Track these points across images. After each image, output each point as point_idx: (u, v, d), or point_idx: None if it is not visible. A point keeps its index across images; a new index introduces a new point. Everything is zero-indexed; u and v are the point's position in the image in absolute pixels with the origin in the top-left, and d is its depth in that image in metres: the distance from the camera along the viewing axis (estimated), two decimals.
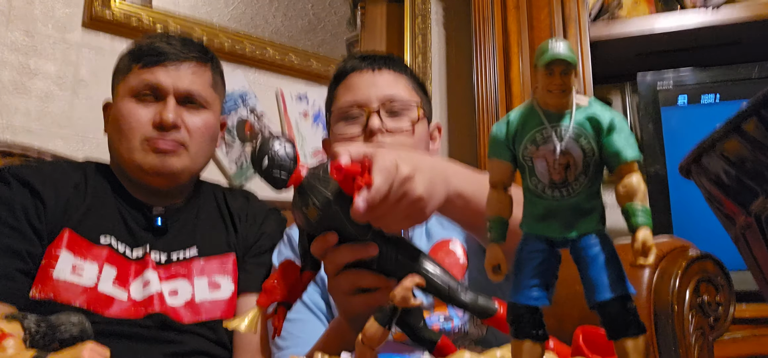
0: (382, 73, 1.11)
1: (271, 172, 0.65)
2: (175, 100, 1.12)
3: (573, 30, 1.82)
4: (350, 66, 1.14)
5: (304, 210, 0.66)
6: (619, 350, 0.43)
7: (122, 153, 1.11)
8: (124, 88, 1.13)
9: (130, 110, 1.10)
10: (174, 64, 1.12)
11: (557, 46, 0.43)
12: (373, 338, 0.53)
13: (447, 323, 0.97)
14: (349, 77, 1.13)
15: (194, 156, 1.14)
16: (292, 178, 0.65)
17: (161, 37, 1.18)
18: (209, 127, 1.16)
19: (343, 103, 1.11)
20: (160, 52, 1.12)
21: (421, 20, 2.16)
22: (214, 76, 1.19)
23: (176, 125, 1.10)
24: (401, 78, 1.13)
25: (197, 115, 1.14)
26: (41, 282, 1.00)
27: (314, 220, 0.66)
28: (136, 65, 1.13)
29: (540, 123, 0.45)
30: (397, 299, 0.53)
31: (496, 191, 0.49)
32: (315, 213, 0.65)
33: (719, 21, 1.76)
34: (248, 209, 1.24)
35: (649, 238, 0.42)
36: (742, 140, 0.43)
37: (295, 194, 0.68)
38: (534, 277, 0.45)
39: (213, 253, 1.15)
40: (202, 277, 1.12)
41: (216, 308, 1.10)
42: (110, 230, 1.08)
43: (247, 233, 1.21)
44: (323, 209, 0.65)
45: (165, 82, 1.11)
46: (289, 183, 0.65)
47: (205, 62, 1.17)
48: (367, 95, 1.09)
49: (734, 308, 1.10)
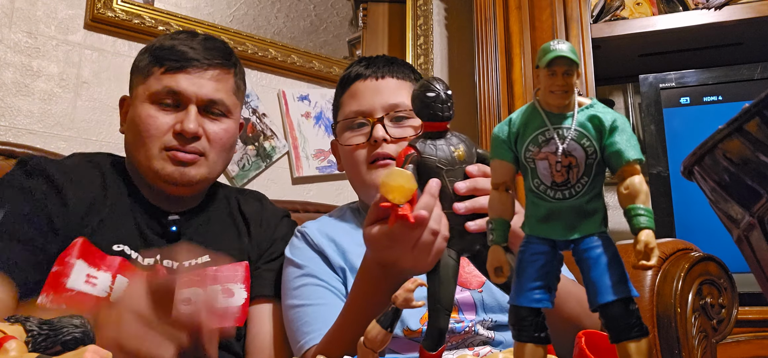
0: (386, 81, 1.13)
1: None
2: (197, 107, 1.09)
3: (575, 30, 1.81)
4: (354, 74, 1.16)
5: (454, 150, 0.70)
6: (621, 352, 0.43)
7: (140, 159, 1.09)
8: (144, 91, 1.09)
9: (150, 116, 1.07)
10: (198, 71, 1.09)
11: (560, 46, 0.43)
12: (375, 340, 0.53)
13: (458, 324, 0.97)
14: (353, 85, 1.15)
15: (212, 165, 1.12)
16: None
17: (184, 38, 1.13)
18: (230, 136, 1.14)
19: (348, 113, 1.13)
20: (184, 58, 1.08)
21: (423, 21, 2.15)
22: (236, 82, 1.16)
23: (197, 135, 1.08)
24: (405, 84, 1.15)
25: (218, 123, 1.11)
26: (53, 290, 0.98)
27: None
28: (157, 68, 1.09)
29: (542, 124, 0.45)
30: (399, 301, 0.53)
31: (498, 192, 0.48)
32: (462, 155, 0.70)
33: (722, 21, 1.76)
34: (263, 214, 1.23)
35: (651, 240, 0.41)
36: (744, 141, 0.43)
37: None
38: (536, 279, 0.45)
39: (225, 261, 1.14)
40: (214, 285, 1.11)
41: (229, 316, 1.09)
42: (124, 238, 1.06)
43: (260, 238, 1.19)
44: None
45: (188, 90, 1.07)
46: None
47: (229, 68, 1.14)
48: (371, 104, 1.11)
49: (737, 310, 1.10)
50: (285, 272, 1.10)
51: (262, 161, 1.75)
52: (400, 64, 1.18)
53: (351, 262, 1.06)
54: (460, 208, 0.69)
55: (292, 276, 1.08)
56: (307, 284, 1.05)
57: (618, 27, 1.83)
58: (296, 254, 1.10)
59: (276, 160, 1.78)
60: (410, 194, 0.64)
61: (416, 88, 0.69)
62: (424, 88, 0.68)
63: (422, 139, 0.69)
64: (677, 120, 1.74)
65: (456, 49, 2.28)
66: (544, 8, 1.86)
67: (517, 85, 1.83)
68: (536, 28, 1.85)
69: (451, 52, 2.28)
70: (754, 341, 1.47)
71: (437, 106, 0.67)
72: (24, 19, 1.47)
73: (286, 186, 1.79)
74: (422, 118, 0.69)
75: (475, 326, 0.98)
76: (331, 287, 1.05)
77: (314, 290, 1.04)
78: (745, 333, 1.47)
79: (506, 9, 1.89)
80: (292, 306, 1.05)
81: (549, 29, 1.84)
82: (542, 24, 1.85)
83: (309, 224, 1.15)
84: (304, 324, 1.01)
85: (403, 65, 1.18)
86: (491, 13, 1.90)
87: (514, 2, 1.89)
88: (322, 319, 0.98)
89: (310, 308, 1.02)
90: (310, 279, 1.05)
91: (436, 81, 0.69)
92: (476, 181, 0.71)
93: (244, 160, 1.72)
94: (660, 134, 1.74)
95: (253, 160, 1.74)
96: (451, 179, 0.69)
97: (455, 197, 0.69)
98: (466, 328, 0.98)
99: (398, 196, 0.64)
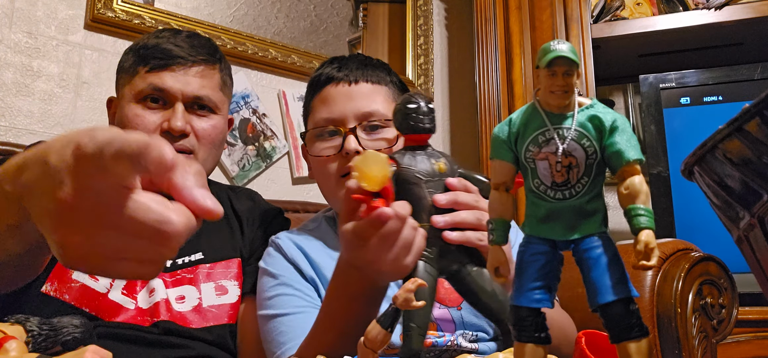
0: (359, 86, 1.06)
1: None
2: (183, 105, 1.09)
3: (575, 30, 1.81)
4: (325, 76, 1.08)
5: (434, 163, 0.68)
6: (622, 353, 0.43)
7: None
8: (130, 91, 1.09)
9: (137, 115, 1.07)
10: (182, 68, 1.09)
11: (560, 46, 0.43)
12: (375, 340, 0.53)
13: (439, 338, 0.96)
14: (324, 89, 1.07)
15: (203, 162, 1.11)
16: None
17: (167, 36, 1.13)
18: (218, 132, 1.13)
19: (319, 120, 1.06)
20: (168, 55, 1.08)
21: (423, 21, 2.16)
22: (222, 77, 1.16)
23: (185, 132, 1.08)
24: (380, 89, 1.08)
25: (206, 120, 1.11)
26: (58, 280, 0.98)
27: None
28: (142, 68, 1.09)
29: (542, 124, 0.45)
30: (399, 301, 0.53)
31: (498, 192, 0.48)
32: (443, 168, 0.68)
33: (722, 21, 1.76)
34: (255, 212, 1.23)
35: (651, 240, 0.41)
36: (744, 141, 0.43)
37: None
38: (536, 279, 0.45)
39: (218, 258, 1.14)
40: (208, 282, 1.11)
41: (223, 313, 1.10)
42: None
43: (253, 236, 1.19)
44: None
45: (173, 88, 1.07)
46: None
47: (214, 64, 1.14)
48: (342, 112, 1.04)
49: (737, 310, 1.10)
50: (260, 283, 1.07)
51: (262, 161, 1.75)
52: (375, 66, 1.11)
53: (323, 275, 1.03)
54: (439, 221, 0.66)
55: (267, 286, 1.04)
56: (282, 293, 1.01)
57: (618, 27, 1.83)
58: (270, 264, 1.06)
59: (276, 160, 1.78)
60: (385, 180, 0.63)
61: (398, 102, 0.67)
62: (406, 100, 0.66)
63: (402, 151, 0.68)
64: (677, 120, 1.74)
65: (456, 49, 2.28)
66: (544, 8, 1.86)
67: (517, 85, 1.83)
68: (536, 29, 1.86)
69: (451, 52, 2.28)
70: (755, 341, 1.47)
71: (418, 117, 0.66)
72: (24, 19, 1.47)
73: (286, 186, 1.79)
74: (402, 131, 0.67)
75: (457, 340, 0.97)
76: (306, 296, 1.02)
77: (289, 299, 1.00)
78: (745, 333, 1.47)
79: (506, 9, 1.89)
80: (267, 317, 1.01)
81: (549, 29, 1.84)
82: (542, 24, 1.85)
83: (282, 235, 1.11)
84: (280, 334, 0.98)
85: (378, 66, 1.12)
86: (491, 13, 1.90)
87: (515, 2, 1.89)
88: (298, 328, 0.95)
89: (286, 318, 0.98)
90: (285, 289, 1.02)
91: (417, 95, 0.67)
92: (457, 194, 0.68)
93: (244, 161, 1.72)
94: (660, 134, 1.74)
95: (253, 160, 1.74)
96: (430, 190, 0.67)
97: (434, 210, 0.67)
98: (448, 343, 0.96)
99: (372, 183, 0.63)
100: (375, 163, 0.62)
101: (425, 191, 0.67)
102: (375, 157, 0.62)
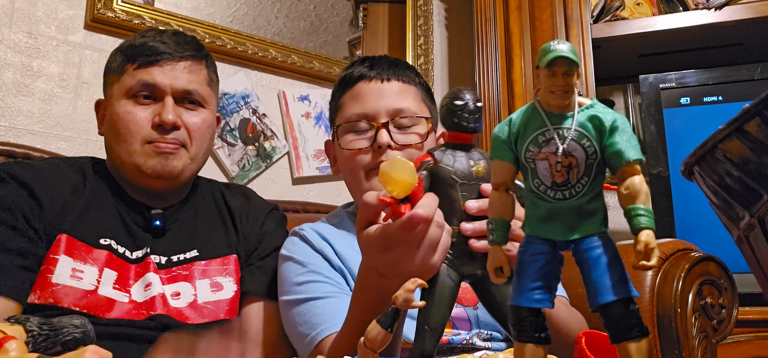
0: (390, 83, 1.10)
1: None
2: (173, 99, 1.11)
3: (575, 30, 1.81)
4: (357, 74, 1.11)
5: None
6: (621, 353, 0.43)
7: (121, 156, 1.10)
8: (120, 89, 1.11)
9: (128, 112, 1.09)
10: (170, 63, 1.11)
11: (560, 46, 0.43)
12: (375, 340, 0.53)
13: (455, 336, 0.97)
14: (356, 86, 1.11)
15: (194, 155, 1.13)
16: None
17: (153, 34, 1.15)
18: (207, 126, 1.15)
19: (351, 115, 1.09)
20: (155, 52, 1.10)
21: (423, 21, 2.15)
22: (209, 74, 1.18)
23: (176, 125, 1.10)
24: (410, 89, 1.11)
25: (196, 114, 1.13)
26: (40, 288, 0.99)
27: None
28: (130, 65, 1.10)
29: (542, 124, 0.45)
30: (400, 301, 0.53)
31: (498, 192, 0.48)
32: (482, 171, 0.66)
33: (721, 21, 1.76)
34: (249, 209, 1.24)
35: (651, 240, 0.41)
36: (744, 141, 0.43)
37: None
38: (536, 279, 0.45)
39: (213, 255, 1.14)
40: (203, 279, 1.11)
41: (219, 309, 1.10)
42: (109, 231, 1.08)
43: (248, 233, 1.20)
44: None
45: (162, 82, 1.09)
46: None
47: (200, 60, 1.16)
48: (375, 107, 1.07)
49: (737, 310, 1.10)
50: (285, 269, 1.07)
51: (262, 161, 1.75)
52: (404, 67, 1.14)
53: (350, 267, 1.04)
54: (467, 228, 0.64)
55: (294, 273, 1.04)
56: (312, 280, 1.02)
57: (618, 27, 1.83)
58: (296, 252, 1.07)
59: (276, 160, 1.78)
60: (411, 188, 0.62)
61: (446, 95, 0.65)
62: (453, 96, 0.64)
63: (443, 148, 0.65)
64: (677, 120, 1.74)
65: (456, 49, 2.28)
66: (544, 8, 1.86)
67: (517, 85, 1.83)
68: (536, 29, 1.85)
69: (451, 52, 2.28)
70: (755, 341, 1.47)
71: (463, 116, 0.63)
72: (24, 20, 1.47)
73: (286, 186, 1.79)
74: (446, 127, 0.65)
75: (472, 339, 0.98)
76: (336, 284, 1.02)
77: (320, 285, 1.01)
78: (745, 333, 1.47)
79: (506, 9, 1.89)
80: (297, 301, 1.01)
81: (549, 29, 1.84)
82: (542, 24, 1.85)
83: (306, 227, 1.12)
84: (314, 316, 0.97)
85: (407, 68, 1.15)
86: (491, 13, 1.90)
87: (514, 2, 1.89)
88: (332, 310, 0.95)
89: (320, 302, 0.99)
90: (315, 275, 1.03)
91: (467, 91, 0.64)
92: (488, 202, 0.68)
93: (245, 161, 1.72)
94: (660, 134, 1.74)
95: (254, 160, 1.74)
96: (464, 194, 0.65)
97: (464, 215, 0.65)
98: (463, 341, 0.97)
99: (398, 189, 0.62)
100: (403, 169, 0.61)
101: (459, 193, 0.65)
102: (402, 163, 0.61)
